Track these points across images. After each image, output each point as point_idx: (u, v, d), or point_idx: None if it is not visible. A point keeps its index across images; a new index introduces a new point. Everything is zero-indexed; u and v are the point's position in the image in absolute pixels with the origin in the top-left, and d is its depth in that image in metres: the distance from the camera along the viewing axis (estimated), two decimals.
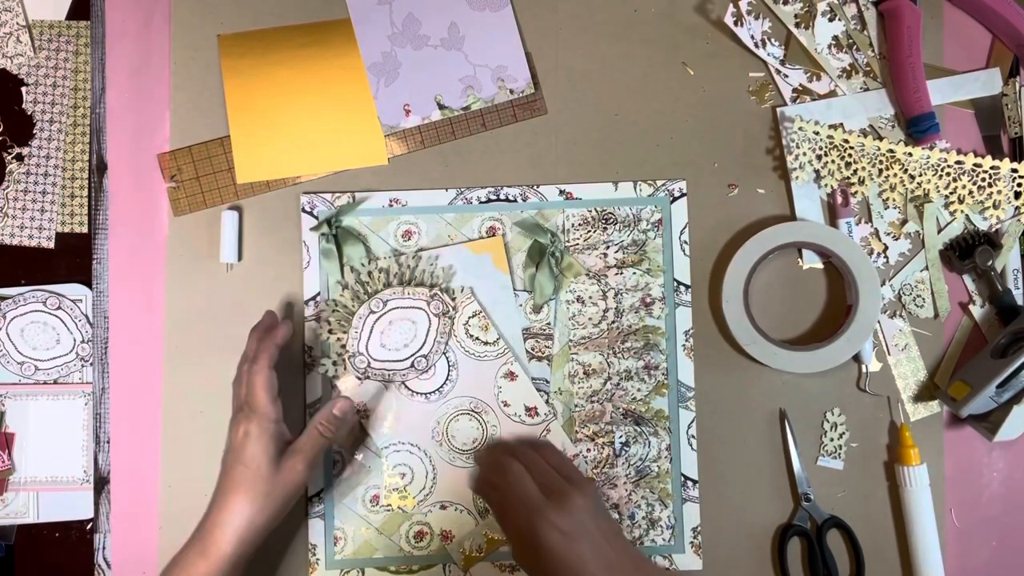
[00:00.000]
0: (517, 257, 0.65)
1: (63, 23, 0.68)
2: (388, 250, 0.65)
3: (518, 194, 0.65)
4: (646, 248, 0.65)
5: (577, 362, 0.65)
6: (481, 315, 0.64)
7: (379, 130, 0.67)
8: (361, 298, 0.64)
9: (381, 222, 0.65)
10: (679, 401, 0.65)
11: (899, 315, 0.66)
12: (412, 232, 0.65)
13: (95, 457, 0.66)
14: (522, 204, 0.65)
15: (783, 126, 0.66)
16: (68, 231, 0.68)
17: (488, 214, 0.65)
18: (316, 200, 0.65)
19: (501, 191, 0.65)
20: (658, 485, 0.64)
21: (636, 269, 0.65)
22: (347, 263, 0.65)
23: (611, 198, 0.65)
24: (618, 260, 0.65)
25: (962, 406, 0.61)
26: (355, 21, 0.67)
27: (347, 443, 0.65)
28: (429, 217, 0.65)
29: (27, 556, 0.66)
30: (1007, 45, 0.67)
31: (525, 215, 0.65)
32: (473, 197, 0.65)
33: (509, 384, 0.65)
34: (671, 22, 0.68)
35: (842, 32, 0.67)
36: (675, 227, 0.65)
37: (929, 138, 0.65)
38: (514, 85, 0.67)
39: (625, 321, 0.65)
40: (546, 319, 0.65)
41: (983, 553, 0.65)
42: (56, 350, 0.67)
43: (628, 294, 0.65)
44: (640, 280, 0.65)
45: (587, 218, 0.65)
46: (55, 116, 0.68)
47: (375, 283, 0.64)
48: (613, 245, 0.65)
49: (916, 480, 0.63)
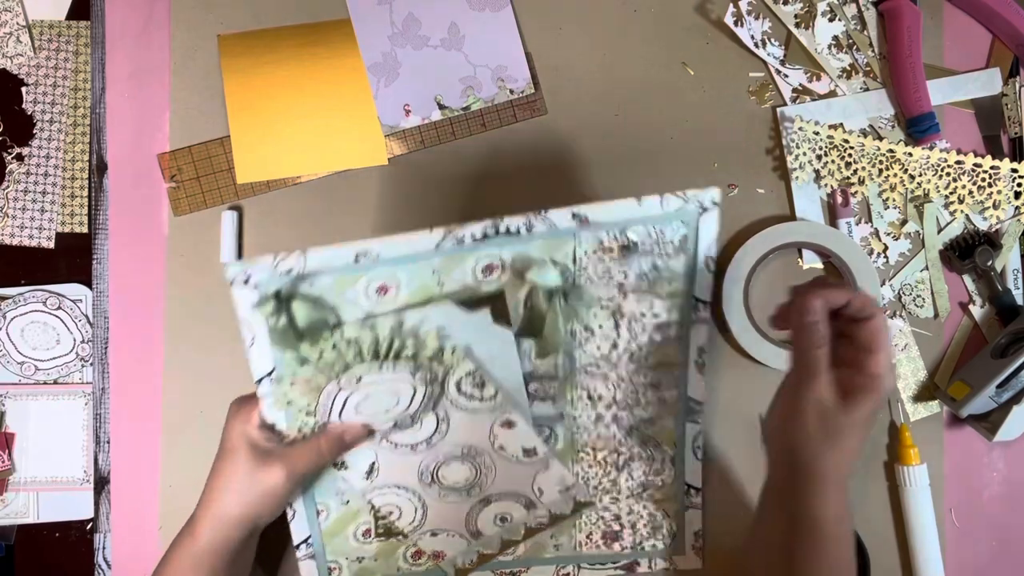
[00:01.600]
0: (520, 296, 0.55)
1: (63, 23, 0.68)
2: (359, 314, 0.52)
3: (521, 225, 0.51)
4: (667, 269, 0.55)
5: (582, 387, 0.59)
6: (477, 373, 0.56)
7: (379, 130, 0.67)
8: (328, 375, 0.53)
9: (347, 280, 0.51)
10: (687, 417, 0.60)
11: (899, 315, 0.66)
12: (389, 287, 0.51)
13: (95, 457, 0.66)
14: (527, 236, 0.52)
15: (783, 126, 0.66)
16: (68, 231, 0.68)
17: (485, 251, 0.52)
18: (252, 269, 0.49)
19: (501, 224, 0.51)
20: (661, 497, 0.63)
21: (655, 296, 0.56)
22: (307, 338, 0.52)
23: (632, 217, 0.52)
24: (635, 286, 0.55)
25: (962, 406, 0.61)
26: (355, 21, 0.67)
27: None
28: (410, 267, 0.51)
29: (27, 556, 0.66)
30: (1007, 45, 0.67)
31: (530, 247, 0.52)
32: (465, 235, 0.50)
33: (507, 431, 0.58)
34: (671, 22, 0.68)
35: (842, 32, 0.67)
36: (702, 243, 0.54)
37: (929, 138, 0.65)
38: (514, 85, 0.67)
39: (636, 345, 0.57)
40: (553, 360, 0.57)
41: (983, 553, 0.65)
42: (56, 350, 0.67)
43: (643, 319, 0.57)
44: (657, 304, 0.56)
45: (604, 244, 0.53)
46: (55, 116, 0.68)
47: (344, 357, 0.53)
48: (632, 271, 0.55)
49: (916, 480, 0.63)
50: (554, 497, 0.61)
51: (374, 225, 0.67)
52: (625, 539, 0.64)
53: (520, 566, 0.64)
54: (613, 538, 0.64)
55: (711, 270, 0.55)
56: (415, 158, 0.67)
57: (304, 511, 0.58)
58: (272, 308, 0.50)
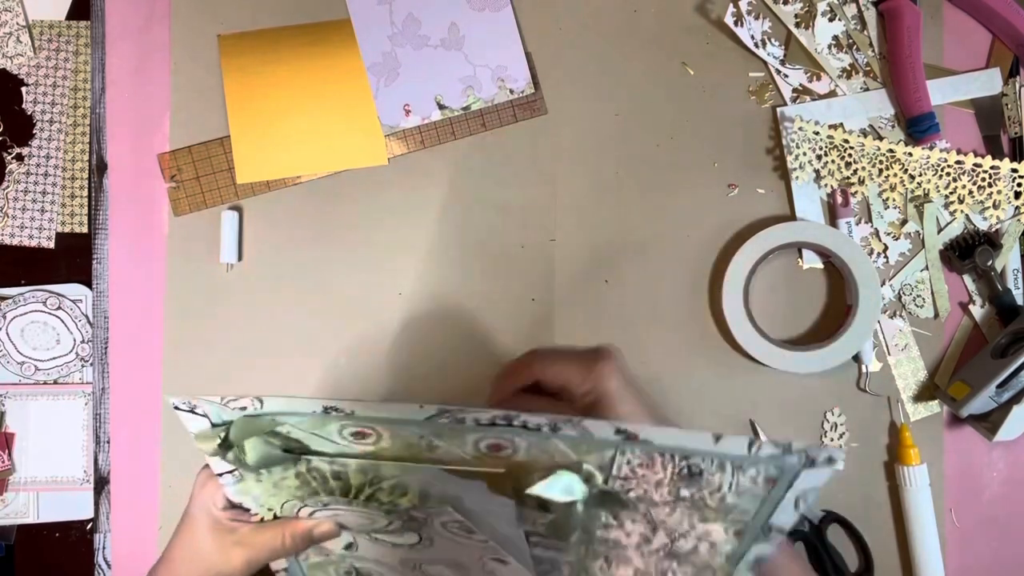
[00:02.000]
0: (529, 481, 0.42)
1: (63, 23, 0.68)
2: (329, 450, 0.43)
3: (544, 424, 0.39)
4: (736, 507, 0.41)
5: (602, 556, 0.46)
6: (466, 523, 0.45)
7: (379, 130, 0.67)
8: (291, 495, 0.47)
9: (316, 422, 0.42)
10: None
11: (899, 315, 0.66)
12: (367, 433, 0.42)
13: (95, 457, 0.66)
14: (549, 435, 0.40)
15: (783, 126, 0.66)
16: (68, 231, 0.68)
17: (493, 433, 0.41)
18: (199, 403, 0.42)
19: (516, 418, 0.39)
20: None
21: (711, 524, 0.43)
22: (261, 471, 0.45)
23: (703, 450, 0.40)
24: (687, 510, 0.42)
25: (962, 406, 0.61)
26: (355, 21, 0.67)
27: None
28: (393, 427, 0.42)
29: (27, 556, 0.66)
30: (1007, 45, 0.67)
31: (555, 440, 0.40)
32: (467, 419, 0.39)
33: (501, 567, 0.49)
34: (671, 22, 0.68)
35: (842, 32, 0.67)
36: (795, 490, 0.40)
37: (929, 138, 0.65)
38: (514, 85, 0.67)
39: (674, 548, 0.44)
40: (564, 542, 0.46)
41: (983, 553, 0.65)
42: (56, 350, 0.67)
43: (689, 533, 0.44)
44: (712, 531, 0.43)
45: (655, 463, 0.41)
46: (55, 116, 0.68)
47: (308, 484, 0.46)
48: (685, 493, 0.42)
49: (916, 480, 0.63)
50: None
51: (374, 225, 0.67)
52: None
53: None
54: None
55: (799, 509, 0.41)
56: (415, 158, 0.67)
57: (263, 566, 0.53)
58: (215, 445, 0.43)
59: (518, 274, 0.67)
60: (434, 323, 0.67)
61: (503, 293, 0.67)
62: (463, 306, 0.67)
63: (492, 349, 0.67)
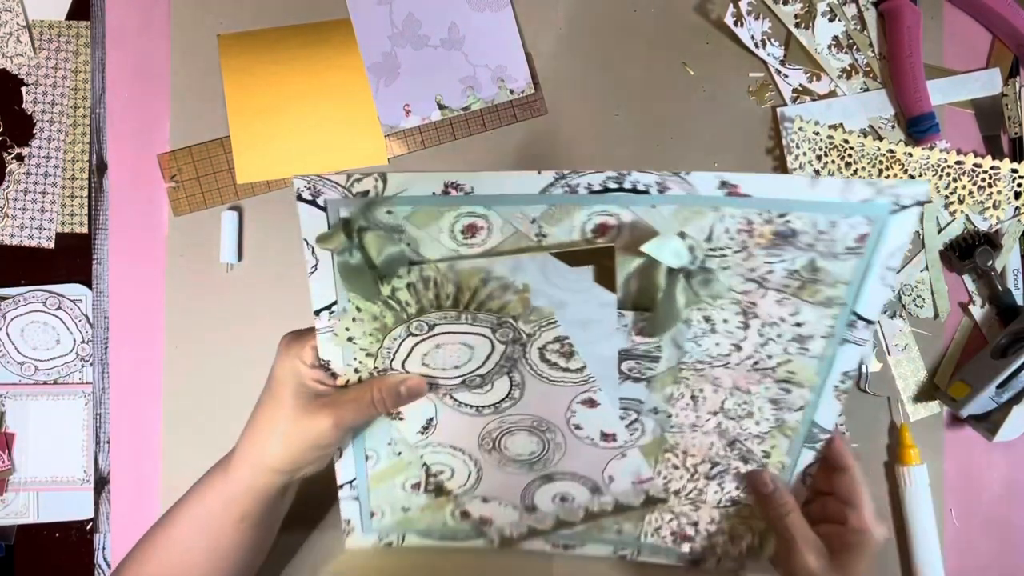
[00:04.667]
0: (629, 265, 0.45)
1: (63, 23, 0.68)
2: (441, 253, 0.45)
3: (653, 183, 0.43)
4: (830, 273, 0.45)
5: (687, 385, 0.50)
6: (566, 341, 0.48)
7: (379, 130, 0.67)
8: (398, 316, 0.47)
9: (431, 213, 0.44)
10: (805, 441, 0.51)
11: (899, 315, 0.66)
12: (479, 227, 0.44)
13: (95, 457, 0.66)
14: (657, 197, 0.43)
15: (783, 126, 0.66)
16: (68, 231, 0.68)
17: (600, 207, 0.43)
18: (321, 185, 0.43)
19: (627, 177, 0.43)
20: (750, 515, 0.54)
21: (804, 301, 0.45)
22: (379, 272, 0.45)
23: (801, 199, 0.42)
24: (781, 284, 0.45)
25: (962, 406, 0.61)
26: (355, 21, 0.67)
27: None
28: (506, 209, 0.44)
29: (27, 556, 0.66)
30: (1007, 45, 0.67)
31: (660, 212, 0.43)
32: (581, 184, 0.43)
33: (587, 410, 0.51)
34: (671, 22, 0.68)
35: (842, 32, 0.67)
36: (884, 247, 0.43)
37: (929, 138, 0.65)
38: (514, 85, 0.67)
39: (766, 354, 0.48)
40: (656, 342, 0.48)
41: (983, 553, 0.65)
42: (56, 350, 0.67)
43: (781, 325, 0.46)
44: (805, 310, 0.46)
45: (754, 225, 0.43)
46: (55, 116, 0.68)
47: (419, 299, 0.46)
48: (781, 266, 0.44)
49: (916, 480, 0.63)
50: (624, 487, 0.54)
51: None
52: (697, 542, 0.56)
53: (575, 540, 0.57)
54: (684, 538, 0.56)
55: (888, 284, 0.44)
56: (415, 158, 0.67)
57: (352, 453, 0.53)
58: (340, 241, 0.43)
59: None
60: None
61: None
62: None
63: None
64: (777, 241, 0.43)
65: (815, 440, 0.51)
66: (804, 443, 0.51)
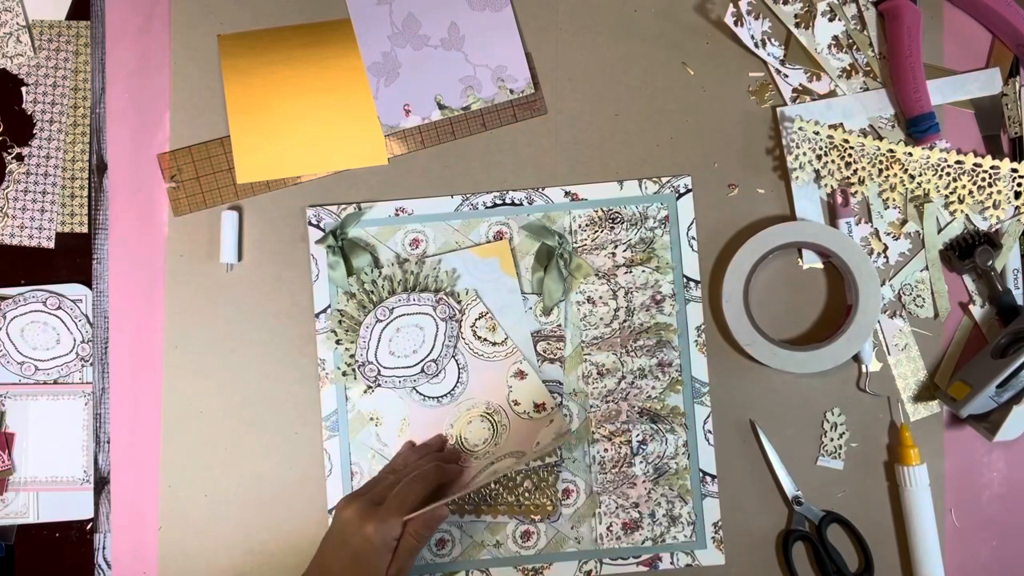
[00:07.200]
0: (525, 261, 0.66)
1: (63, 23, 0.68)
2: (394, 258, 0.65)
3: (524, 197, 0.66)
4: (654, 246, 0.65)
5: (591, 363, 0.65)
6: (488, 316, 0.65)
7: (379, 130, 0.67)
8: (367, 307, 0.65)
9: (388, 231, 0.66)
10: (694, 397, 0.65)
11: (899, 315, 0.66)
12: (420, 240, 0.66)
13: (95, 457, 0.66)
14: (528, 208, 0.66)
15: (783, 126, 0.66)
16: (68, 231, 0.68)
17: (495, 219, 0.66)
18: (323, 212, 0.65)
19: (507, 195, 0.66)
20: (677, 482, 0.64)
21: (645, 267, 0.65)
22: (355, 273, 0.65)
23: (616, 197, 0.66)
24: (627, 259, 0.65)
25: (962, 406, 0.61)
26: (355, 21, 0.67)
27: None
28: (436, 224, 0.66)
29: (27, 556, 0.66)
30: (1007, 45, 0.67)
31: (532, 218, 0.66)
32: (479, 202, 0.66)
33: (519, 383, 0.65)
34: (671, 22, 0.68)
35: (842, 32, 0.67)
36: (682, 223, 0.65)
37: (929, 138, 0.65)
38: (514, 85, 0.67)
39: (636, 319, 0.65)
40: (557, 321, 0.65)
41: (983, 553, 0.65)
42: (56, 350, 0.67)
43: (638, 292, 0.65)
44: (649, 278, 0.65)
45: (594, 218, 0.65)
46: (55, 116, 0.68)
47: (380, 292, 0.65)
48: (621, 244, 0.65)
49: (916, 480, 0.63)
50: (547, 441, 0.64)
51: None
52: (644, 528, 0.64)
53: (542, 562, 0.64)
54: (633, 527, 0.64)
55: (694, 250, 0.66)
56: (415, 158, 0.67)
57: (340, 472, 0.64)
58: (331, 245, 0.64)
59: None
60: None
61: None
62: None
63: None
64: (612, 224, 0.65)
65: (699, 395, 0.65)
66: (693, 399, 0.65)
